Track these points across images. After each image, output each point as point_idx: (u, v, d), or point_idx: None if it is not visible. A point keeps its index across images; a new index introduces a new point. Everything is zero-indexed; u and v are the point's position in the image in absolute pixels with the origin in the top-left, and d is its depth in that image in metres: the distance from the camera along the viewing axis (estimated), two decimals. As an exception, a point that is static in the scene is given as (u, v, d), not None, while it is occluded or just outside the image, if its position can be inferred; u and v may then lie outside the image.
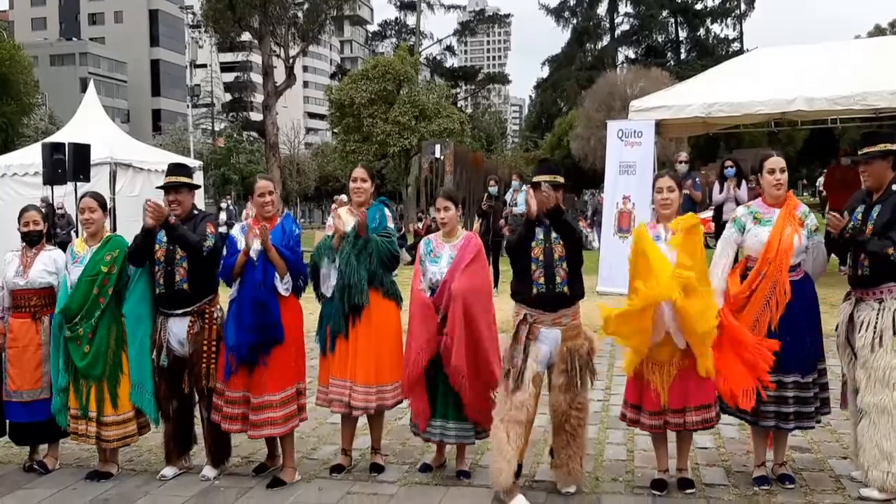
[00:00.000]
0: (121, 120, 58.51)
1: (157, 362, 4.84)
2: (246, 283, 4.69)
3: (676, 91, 12.98)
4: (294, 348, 4.82)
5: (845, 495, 4.35)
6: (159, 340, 4.84)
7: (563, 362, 4.44)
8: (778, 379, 4.37)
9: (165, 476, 4.89)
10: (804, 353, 4.42)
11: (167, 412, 4.93)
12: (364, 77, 38.18)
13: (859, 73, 10.93)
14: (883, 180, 4.40)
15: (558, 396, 4.45)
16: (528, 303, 4.46)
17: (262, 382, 4.69)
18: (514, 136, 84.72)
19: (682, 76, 24.15)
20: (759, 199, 4.69)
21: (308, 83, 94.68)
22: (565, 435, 4.45)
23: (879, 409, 4.23)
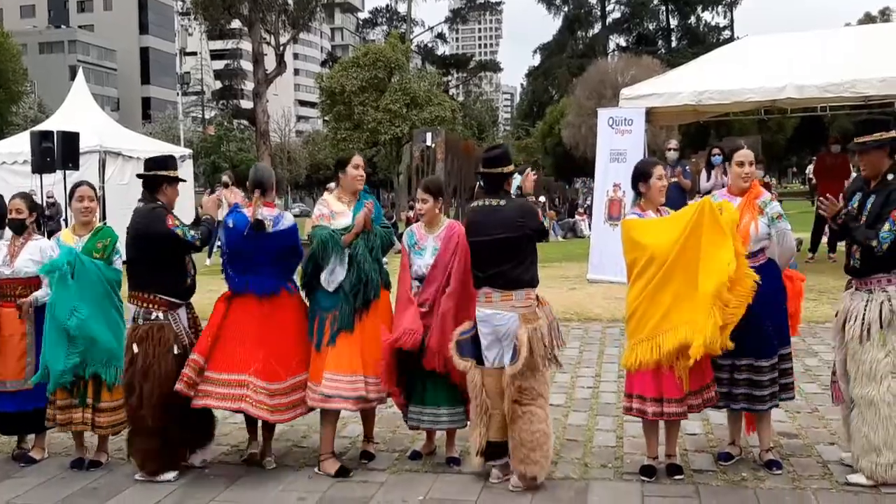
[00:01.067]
0: (110, 108, 58.21)
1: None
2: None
3: (667, 79, 12.97)
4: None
5: (832, 481, 4.38)
6: (176, 332, 4.80)
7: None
8: (731, 362, 4.46)
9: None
10: (762, 339, 4.46)
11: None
12: (355, 65, 38.03)
13: (849, 61, 10.94)
14: (879, 169, 4.36)
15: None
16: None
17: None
18: (506, 124, 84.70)
19: (673, 64, 24.14)
20: (723, 190, 4.78)
21: (299, 71, 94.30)
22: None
23: (867, 401, 4.25)
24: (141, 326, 4.72)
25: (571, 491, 4.38)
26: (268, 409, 4.65)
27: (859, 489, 4.25)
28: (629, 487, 4.41)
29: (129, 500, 4.50)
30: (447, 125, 34.45)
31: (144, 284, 4.78)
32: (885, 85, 10.40)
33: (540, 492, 4.38)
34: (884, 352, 4.22)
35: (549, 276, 10.86)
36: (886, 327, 4.22)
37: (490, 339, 4.44)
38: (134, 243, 4.80)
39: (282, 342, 4.77)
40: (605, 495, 4.33)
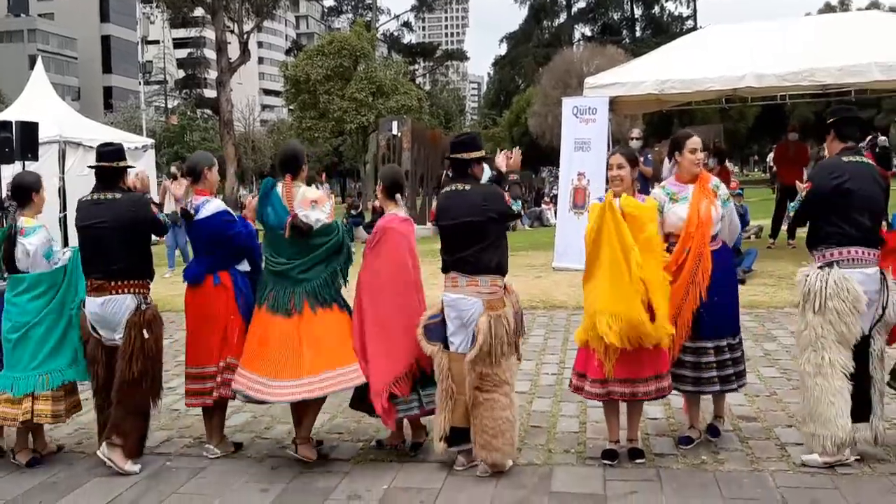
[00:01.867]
0: (71, 98, 57.15)
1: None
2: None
3: (630, 68, 13.05)
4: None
5: (790, 462, 4.47)
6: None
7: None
8: (701, 346, 4.60)
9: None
10: (728, 320, 4.68)
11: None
12: (320, 53, 37.66)
13: (808, 51, 11.08)
14: (829, 152, 4.60)
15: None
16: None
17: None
18: (473, 113, 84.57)
19: (638, 53, 24.26)
20: (671, 179, 4.87)
21: (263, 59, 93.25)
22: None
23: (801, 371, 4.47)
24: (145, 311, 4.74)
25: (535, 477, 4.42)
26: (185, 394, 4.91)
27: (815, 470, 4.33)
28: (592, 472, 4.46)
29: (91, 493, 4.45)
30: (413, 114, 34.32)
31: (141, 272, 4.81)
32: (842, 73, 10.56)
33: (504, 478, 4.41)
34: (803, 324, 4.42)
35: (516, 265, 10.87)
36: (804, 301, 4.40)
37: (456, 325, 4.47)
38: (129, 231, 4.75)
39: (199, 331, 4.85)
40: (569, 480, 4.37)
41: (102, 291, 4.71)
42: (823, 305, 4.29)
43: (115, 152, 4.90)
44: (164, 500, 4.31)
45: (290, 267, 4.64)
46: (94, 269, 4.74)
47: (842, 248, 4.35)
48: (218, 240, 4.83)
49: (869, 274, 4.36)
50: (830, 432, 4.28)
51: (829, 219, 4.37)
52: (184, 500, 4.31)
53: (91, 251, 4.76)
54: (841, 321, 4.26)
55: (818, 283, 4.31)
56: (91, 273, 4.77)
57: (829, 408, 4.28)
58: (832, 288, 4.27)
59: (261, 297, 4.72)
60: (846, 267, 4.33)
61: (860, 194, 4.34)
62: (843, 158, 4.47)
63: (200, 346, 4.84)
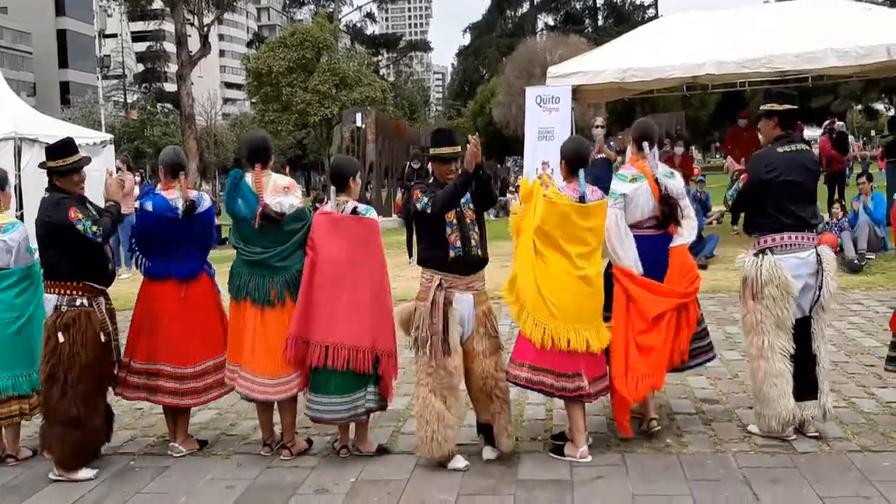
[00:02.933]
0: (26, 93, 55.93)
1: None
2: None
3: (592, 57, 13.11)
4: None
5: (752, 443, 4.55)
6: (101, 319, 4.68)
7: (482, 326, 4.48)
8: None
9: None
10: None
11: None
12: (282, 45, 37.34)
13: (766, 38, 11.23)
14: (768, 138, 4.68)
15: (484, 363, 4.45)
16: (443, 268, 4.42)
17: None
18: (438, 104, 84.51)
19: (600, 42, 24.35)
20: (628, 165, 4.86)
21: (224, 52, 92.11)
22: (498, 401, 4.46)
23: (747, 354, 4.67)
24: (65, 313, 4.56)
25: (503, 465, 4.43)
26: (178, 395, 4.72)
27: (776, 450, 4.42)
28: (558, 459, 4.47)
29: (52, 496, 4.37)
30: (378, 105, 34.20)
31: (66, 273, 4.60)
32: (799, 59, 10.72)
33: (471, 467, 4.41)
34: (745, 309, 4.58)
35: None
36: (743, 287, 4.57)
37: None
38: (45, 234, 4.62)
39: (199, 325, 4.76)
40: (536, 467, 4.39)
41: (46, 290, 4.70)
42: (760, 291, 4.43)
43: (53, 150, 4.71)
44: (128, 500, 4.25)
45: (267, 255, 4.58)
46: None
47: (775, 235, 4.49)
48: (209, 232, 4.93)
49: (803, 258, 4.48)
50: (774, 412, 4.43)
51: (764, 209, 4.52)
52: (148, 499, 4.25)
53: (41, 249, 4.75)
54: (777, 306, 4.40)
55: (753, 269, 4.46)
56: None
57: (771, 389, 4.42)
58: (766, 275, 4.41)
59: (239, 289, 4.62)
60: (781, 253, 4.46)
61: (794, 184, 4.49)
62: (777, 149, 4.57)
63: (187, 344, 4.73)
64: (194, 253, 4.84)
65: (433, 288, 4.39)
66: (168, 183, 4.79)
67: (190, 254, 4.80)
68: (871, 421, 4.82)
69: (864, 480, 3.99)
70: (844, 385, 5.53)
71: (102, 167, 16.86)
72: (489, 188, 4.52)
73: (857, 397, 5.27)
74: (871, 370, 5.86)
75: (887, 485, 3.92)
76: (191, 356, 4.76)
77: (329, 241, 4.53)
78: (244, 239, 4.65)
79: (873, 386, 5.50)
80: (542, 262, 4.40)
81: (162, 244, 4.74)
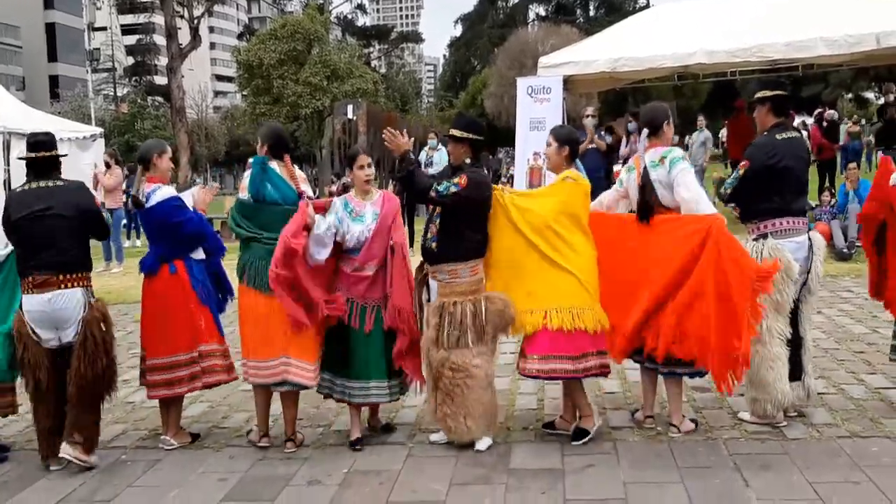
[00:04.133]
0: (15, 87, 55.49)
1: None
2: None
3: (583, 47, 13.07)
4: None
5: (742, 430, 4.57)
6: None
7: (432, 316, 4.54)
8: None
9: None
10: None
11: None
12: (273, 37, 37.16)
13: (756, 26, 11.21)
14: (763, 126, 4.70)
15: (429, 351, 4.54)
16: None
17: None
18: (430, 95, 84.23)
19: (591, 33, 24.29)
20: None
21: (215, 44, 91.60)
22: (439, 393, 4.51)
23: None
24: (97, 305, 4.61)
25: (494, 454, 4.45)
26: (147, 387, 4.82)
27: (766, 436, 4.44)
28: (549, 447, 4.50)
29: (43, 490, 4.35)
30: (370, 97, 34.10)
31: (88, 264, 4.66)
32: (789, 48, 10.71)
33: (463, 456, 4.43)
34: None
35: (473, 246, 10.94)
36: None
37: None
38: (80, 222, 4.58)
39: (159, 319, 4.77)
40: (527, 456, 4.41)
41: (48, 287, 4.43)
42: None
43: (51, 141, 4.68)
44: (120, 493, 4.24)
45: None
46: (38, 264, 4.44)
47: (775, 220, 4.54)
48: (168, 227, 4.75)
49: (799, 242, 4.54)
50: (771, 396, 4.45)
51: (765, 195, 4.54)
52: (139, 493, 4.25)
53: (34, 244, 4.46)
54: (776, 290, 4.38)
55: (754, 254, 4.43)
56: (32, 269, 4.45)
57: (768, 373, 4.44)
58: (768, 259, 4.39)
59: (259, 276, 4.57)
60: (779, 238, 4.49)
61: (791, 171, 4.54)
62: (776, 136, 4.60)
63: (164, 336, 4.75)
64: (153, 247, 4.85)
65: (417, 268, 4.71)
66: (149, 176, 4.84)
67: (152, 248, 4.85)
68: (861, 407, 4.85)
69: (854, 466, 4.02)
70: (834, 371, 5.56)
71: (92, 161, 16.87)
72: (408, 180, 4.50)
73: (846, 384, 5.30)
74: (861, 357, 5.90)
75: (876, 470, 3.94)
76: (155, 349, 4.79)
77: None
78: (264, 227, 4.61)
79: (862, 372, 5.54)
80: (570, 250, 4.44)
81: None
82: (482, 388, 4.47)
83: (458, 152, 4.62)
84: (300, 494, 4.11)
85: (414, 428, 4.94)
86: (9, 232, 4.57)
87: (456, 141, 4.61)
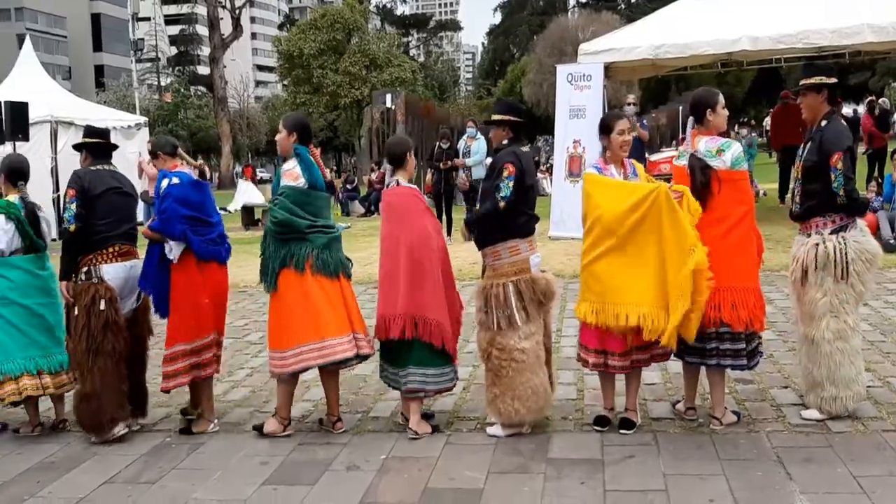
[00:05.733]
0: (62, 77, 56.60)
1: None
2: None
3: (624, 33, 12.94)
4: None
5: (785, 423, 4.50)
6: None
7: (477, 299, 4.59)
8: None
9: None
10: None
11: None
12: (313, 27, 37.47)
13: (802, 13, 10.99)
14: (816, 114, 4.48)
15: (478, 333, 4.60)
16: None
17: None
18: (467, 83, 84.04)
19: (633, 19, 24.03)
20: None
21: (256, 35, 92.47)
22: (489, 374, 4.55)
23: (809, 339, 4.43)
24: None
25: (533, 443, 4.44)
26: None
27: (810, 429, 4.37)
28: (589, 438, 4.48)
29: (90, 471, 4.45)
30: (408, 86, 34.19)
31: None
32: (836, 35, 10.49)
33: (501, 445, 4.43)
34: (821, 292, 4.35)
35: (512, 235, 10.90)
36: (822, 269, 4.34)
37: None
38: (135, 200, 5.09)
39: (214, 305, 4.94)
40: (566, 446, 4.39)
41: (129, 256, 4.88)
42: (845, 270, 4.28)
43: (107, 132, 5.15)
44: (165, 475, 4.33)
45: (339, 231, 4.85)
46: (122, 234, 4.85)
47: (842, 213, 4.35)
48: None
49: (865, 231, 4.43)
50: (853, 392, 4.36)
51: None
52: (183, 475, 4.32)
53: (119, 215, 4.85)
54: (860, 282, 4.30)
55: (839, 248, 4.28)
56: (116, 239, 4.81)
57: (850, 368, 4.35)
58: (854, 251, 4.27)
59: (336, 266, 4.65)
60: (851, 230, 4.35)
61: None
62: (843, 122, 4.47)
63: (216, 317, 4.93)
64: (224, 235, 5.08)
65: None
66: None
67: (224, 236, 5.08)
68: (908, 401, 4.74)
69: (900, 460, 3.93)
70: (880, 364, 5.45)
71: (136, 149, 17.15)
72: (478, 222, 4.58)
73: (892, 377, 5.18)
74: (909, 350, 5.77)
75: (924, 465, 3.86)
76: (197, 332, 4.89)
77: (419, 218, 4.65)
78: (315, 214, 4.67)
79: (911, 366, 5.41)
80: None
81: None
82: (531, 371, 4.45)
83: (498, 135, 4.68)
84: (339, 479, 4.15)
85: (451, 416, 4.95)
86: (90, 204, 4.77)
87: (497, 125, 4.66)
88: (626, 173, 4.51)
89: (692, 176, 4.34)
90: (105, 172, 4.92)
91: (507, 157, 4.47)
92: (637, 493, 3.79)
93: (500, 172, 4.43)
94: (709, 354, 4.39)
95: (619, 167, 4.52)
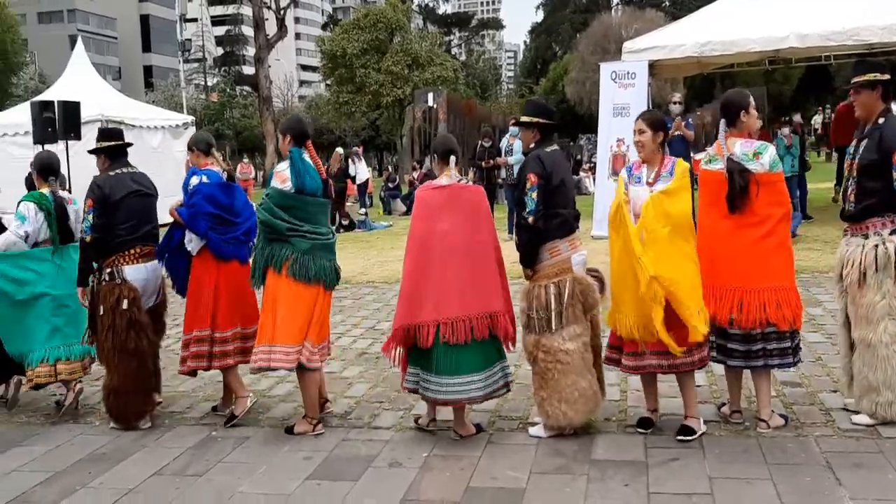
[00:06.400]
0: (112, 77, 57.82)
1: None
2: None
3: (669, 31, 12.80)
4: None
5: (834, 427, 4.41)
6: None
7: (521, 300, 4.56)
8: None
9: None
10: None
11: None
12: (356, 27, 37.73)
13: (852, 9, 10.75)
14: (871, 111, 4.37)
15: (523, 336, 4.57)
16: None
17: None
18: (509, 82, 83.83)
19: (677, 17, 23.72)
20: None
21: (300, 35, 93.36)
22: (536, 376, 4.52)
23: (866, 343, 4.32)
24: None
25: (576, 444, 4.41)
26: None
27: (860, 434, 4.28)
28: (633, 440, 4.44)
29: (139, 463, 4.55)
30: (449, 85, 34.24)
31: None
32: (887, 32, 10.24)
33: (544, 446, 4.42)
34: (880, 294, 4.26)
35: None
36: (882, 270, 4.24)
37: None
38: (156, 199, 5.16)
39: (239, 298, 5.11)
40: (610, 448, 4.36)
41: (150, 257, 5.06)
42: None
43: (121, 132, 5.28)
44: (211, 468, 4.40)
45: (333, 238, 4.79)
46: (143, 236, 5.01)
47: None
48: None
49: None
50: None
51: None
52: (229, 468, 4.39)
53: (139, 218, 4.99)
54: None
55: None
56: (139, 240, 4.98)
57: None
58: None
59: (317, 273, 4.61)
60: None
61: None
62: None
63: (241, 313, 5.08)
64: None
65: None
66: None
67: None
68: (964, 407, 4.61)
69: (955, 468, 3.83)
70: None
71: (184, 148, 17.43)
72: (524, 248, 4.52)
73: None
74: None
75: (981, 473, 3.75)
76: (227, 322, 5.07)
77: (447, 214, 4.50)
78: (304, 219, 4.62)
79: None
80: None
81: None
82: (577, 373, 4.40)
83: (527, 137, 4.68)
84: (382, 475, 4.18)
85: (493, 415, 4.95)
86: (112, 210, 4.89)
87: (525, 127, 4.63)
88: (660, 173, 4.37)
89: (730, 180, 4.27)
90: (125, 176, 5.00)
91: (530, 166, 4.43)
92: (682, 496, 3.75)
93: (523, 186, 4.43)
94: (755, 356, 4.33)
95: (652, 167, 4.43)
